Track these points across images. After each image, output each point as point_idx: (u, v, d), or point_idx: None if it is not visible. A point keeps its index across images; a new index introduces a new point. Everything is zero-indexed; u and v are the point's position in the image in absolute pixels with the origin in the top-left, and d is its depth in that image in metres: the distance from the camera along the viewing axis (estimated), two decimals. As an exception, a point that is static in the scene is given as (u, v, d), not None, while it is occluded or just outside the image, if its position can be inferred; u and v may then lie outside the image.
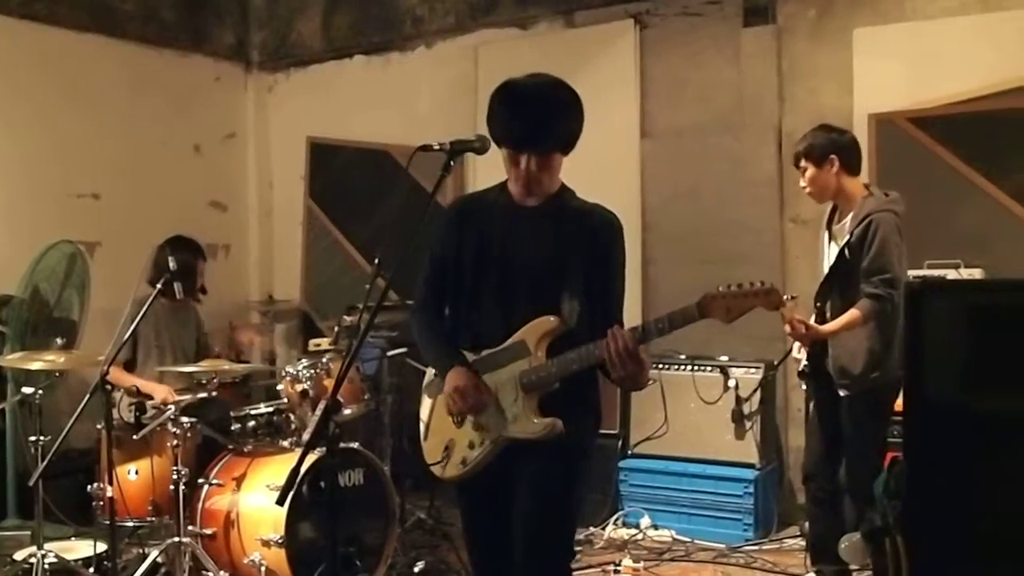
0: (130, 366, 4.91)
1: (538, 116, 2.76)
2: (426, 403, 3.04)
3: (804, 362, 4.29)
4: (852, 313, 4.00)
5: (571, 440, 2.78)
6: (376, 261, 5.23)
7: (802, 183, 4.26)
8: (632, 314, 2.86)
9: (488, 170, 2.89)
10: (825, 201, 4.32)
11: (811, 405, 4.42)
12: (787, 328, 4.09)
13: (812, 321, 4.19)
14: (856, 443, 4.13)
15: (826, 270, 4.25)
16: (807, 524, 4.92)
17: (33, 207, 6.17)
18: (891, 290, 3.96)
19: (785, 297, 4.00)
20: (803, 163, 4.21)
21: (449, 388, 2.84)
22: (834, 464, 4.22)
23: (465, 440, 2.87)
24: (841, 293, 4.13)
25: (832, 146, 4.17)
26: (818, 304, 4.24)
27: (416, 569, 4.61)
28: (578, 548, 5.02)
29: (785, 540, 5.25)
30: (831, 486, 4.23)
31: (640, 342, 2.64)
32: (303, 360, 4.79)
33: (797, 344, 4.31)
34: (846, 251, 4.09)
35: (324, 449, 3.20)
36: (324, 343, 5.14)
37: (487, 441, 2.83)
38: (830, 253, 4.25)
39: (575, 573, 3.74)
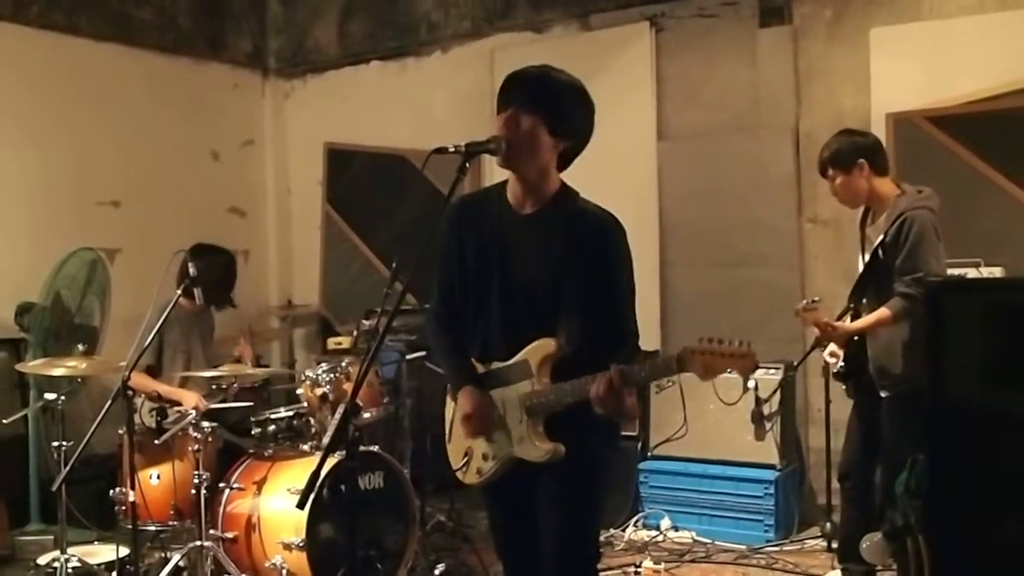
0: (152, 371, 4.93)
1: (524, 77, 2.77)
2: (449, 406, 3.03)
3: (840, 363, 4.25)
4: (882, 311, 3.98)
5: (585, 457, 2.76)
6: (394, 265, 5.24)
7: (832, 191, 4.20)
8: (650, 316, 2.85)
9: (503, 173, 2.88)
10: (858, 206, 4.27)
11: (851, 406, 4.37)
12: (816, 331, 4.06)
13: (848, 321, 4.17)
14: (895, 443, 4.09)
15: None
16: (832, 523, 4.91)
17: (54, 214, 6.21)
18: (923, 289, 3.93)
19: (806, 301, 4.01)
20: (831, 171, 4.14)
21: (461, 413, 2.85)
22: (872, 465, 4.18)
23: (480, 451, 2.88)
24: (876, 293, 4.09)
25: (858, 150, 4.11)
26: (851, 305, 4.21)
27: (437, 572, 4.62)
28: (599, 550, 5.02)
29: (806, 541, 5.22)
30: (867, 487, 4.20)
31: (623, 385, 2.57)
32: (322, 364, 4.82)
33: (831, 347, 4.28)
34: (880, 251, 4.05)
35: (343, 453, 3.20)
36: (344, 342, 5.15)
37: (498, 456, 2.83)
38: (866, 255, 4.21)
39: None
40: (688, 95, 6.06)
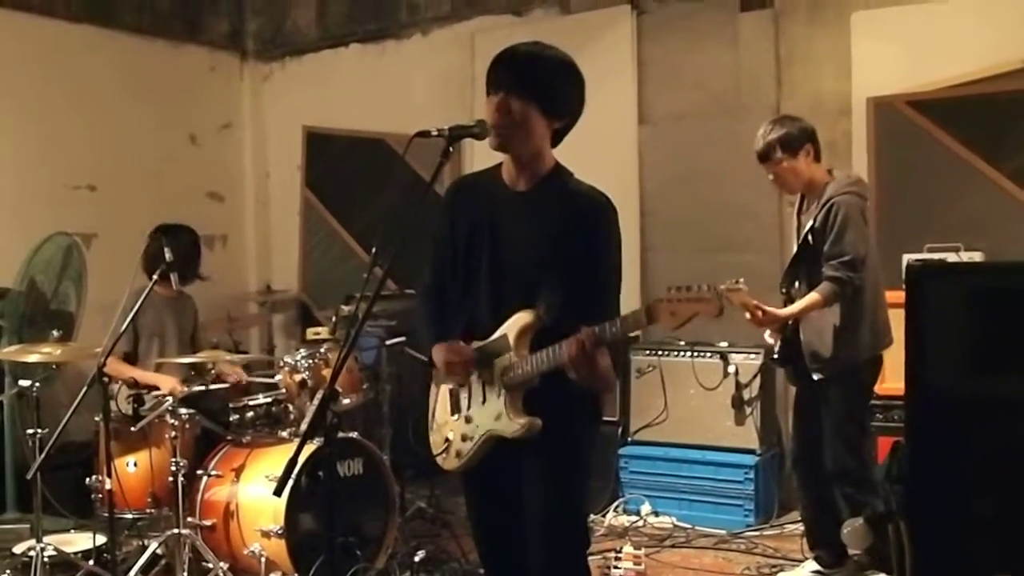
0: (130, 358, 4.88)
1: (514, 58, 2.73)
2: (432, 392, 3.02)
3: (776, 349, 4.28)
4: (812, 296, 4.01)
5: (566, 436, 2.74)
6: (373, 250, 5.20)
7: (771, 176, 4.17)
8: (631, 301, 2.82)
9: (485, 158, 2.85)
10: (796, 192, 4.29)
11: (795, 392, 4.42)
12: (746, 316, 4.03)
13: (781, 306, 4.18)
14: (835, 425, 4.12)
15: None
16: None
17: (29, 199, 6.14)
18: (851, 273, 3.96)
19: (731, 283, 3.98)
20: (780, 154, 4.10)
21: (440, 366, 2.82)
22: (820, 448, 4.21)
23: (459, 433, 2.86)
24: (807, 278, 4.13)
25: (806, 135, 4.12)
26: (784, 289, 4.24)
27: (416, 558, 4.59)
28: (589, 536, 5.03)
29: (786, 525, 5.24)
30: (818, 470, 4.23)
31: (595, 345, 2.54)
32: (301, 350, 4.79)
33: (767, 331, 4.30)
34: (810, 236, 4.09)
35: (322, 439, 3.18)
36: (323, 332, 5.12)
37: (476, 436, 2.81)
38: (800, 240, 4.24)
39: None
40: (669, 79, 6.04)
